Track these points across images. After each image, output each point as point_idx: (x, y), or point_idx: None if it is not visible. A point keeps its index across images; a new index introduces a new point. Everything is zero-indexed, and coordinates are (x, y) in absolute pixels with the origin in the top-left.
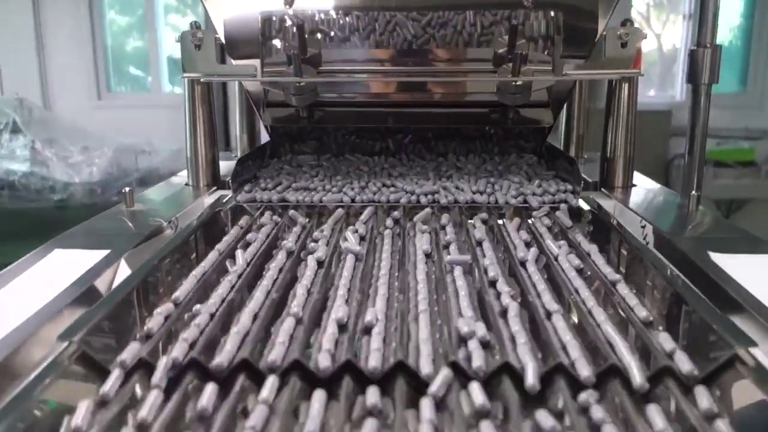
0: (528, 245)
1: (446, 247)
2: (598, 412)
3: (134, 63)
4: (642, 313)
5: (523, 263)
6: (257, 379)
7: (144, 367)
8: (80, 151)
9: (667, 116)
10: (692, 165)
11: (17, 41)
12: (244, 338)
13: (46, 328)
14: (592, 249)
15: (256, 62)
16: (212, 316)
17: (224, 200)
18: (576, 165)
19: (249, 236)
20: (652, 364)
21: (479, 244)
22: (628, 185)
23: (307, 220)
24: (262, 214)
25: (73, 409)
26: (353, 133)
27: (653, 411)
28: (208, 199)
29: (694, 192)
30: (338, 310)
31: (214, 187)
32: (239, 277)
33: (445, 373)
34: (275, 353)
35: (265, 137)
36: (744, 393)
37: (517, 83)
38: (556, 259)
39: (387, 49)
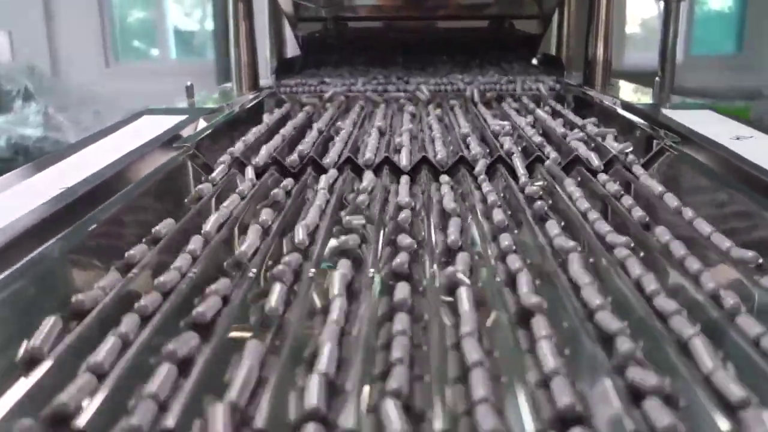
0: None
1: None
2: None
3: (137, 36)
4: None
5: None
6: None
7: (238, 165)
8: (92, 116)
9: None
10: (664, 73)
11: (26, 8)
12: (311, 147)
13: (158, 149)
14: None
15: None
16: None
17: (267, 95)
18: (560, 61)
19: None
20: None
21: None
22: (606, 84)
23: (342, 98)
24: (302, 103)
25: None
26: (373, 41)
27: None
28: (252, 95)
29: (657, 78)
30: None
31: (255, 90)
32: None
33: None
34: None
35: None
36: (670, 168)
37: None
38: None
39: None
